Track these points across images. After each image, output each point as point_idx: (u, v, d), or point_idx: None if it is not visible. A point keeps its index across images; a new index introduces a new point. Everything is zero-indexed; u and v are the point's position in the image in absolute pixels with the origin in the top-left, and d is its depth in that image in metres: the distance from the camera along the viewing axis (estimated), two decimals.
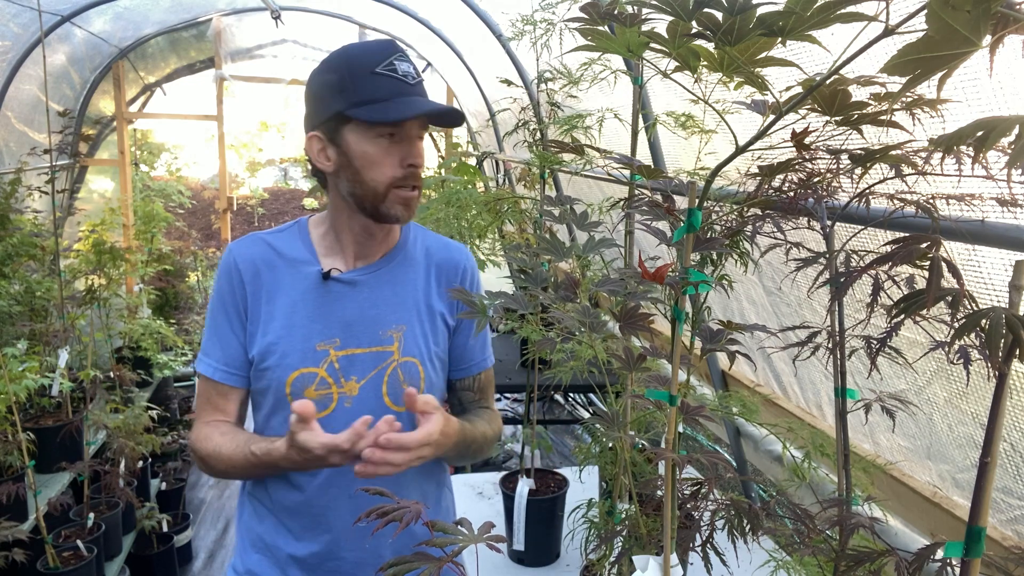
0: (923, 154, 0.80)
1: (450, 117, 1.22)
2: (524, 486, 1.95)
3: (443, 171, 3.67)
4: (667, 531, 0.95)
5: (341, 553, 1.30)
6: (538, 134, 2.00)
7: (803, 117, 0.80)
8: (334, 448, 1.07)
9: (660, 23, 0.73)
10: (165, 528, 3.68)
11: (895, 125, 0.75)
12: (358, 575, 1.31)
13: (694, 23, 0.70)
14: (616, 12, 0.76)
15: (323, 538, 1.29)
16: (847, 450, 0.97)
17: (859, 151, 0.83)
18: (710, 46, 0.73)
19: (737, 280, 1.97)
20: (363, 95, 1.18)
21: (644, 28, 0.76)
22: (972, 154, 0.64)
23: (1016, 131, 0.60)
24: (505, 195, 2.21)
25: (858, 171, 0.86)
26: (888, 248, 0.76)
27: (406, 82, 1.19)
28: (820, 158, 0.90)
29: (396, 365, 1.29)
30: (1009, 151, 0.63)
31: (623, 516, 1.40)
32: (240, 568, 1.36)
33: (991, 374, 0.69)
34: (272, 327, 1.27)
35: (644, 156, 2.32)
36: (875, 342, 0.83)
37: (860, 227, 1.22)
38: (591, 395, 4.91)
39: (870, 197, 0.88)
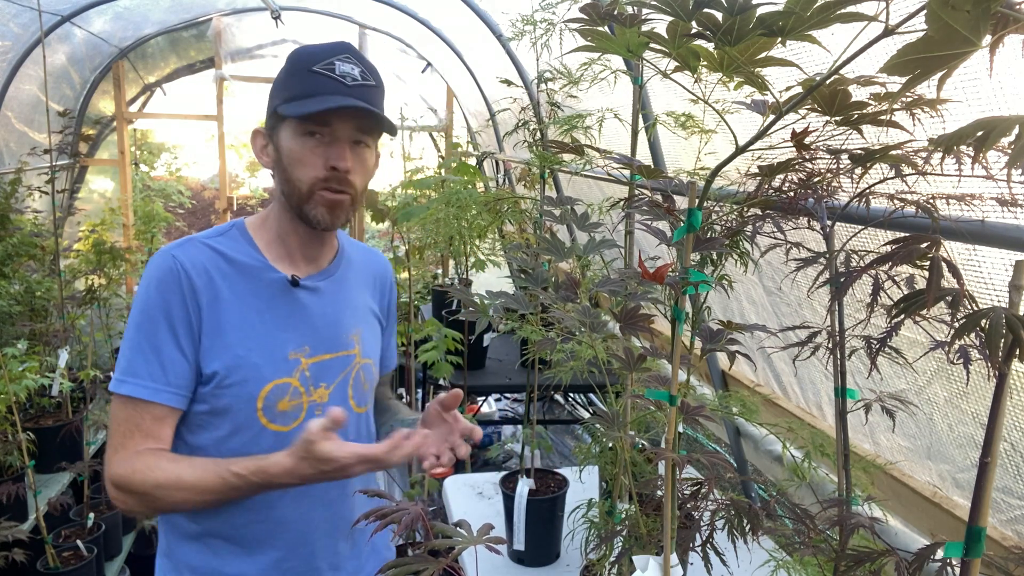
0: (923, 154, 0.80)
1: (375, 120, 1.18)
2: (524, 486, 1.95)
3: (443, 171, 3.68)
4: (667, 531, 0.95)
5: (316, 563, 1.28)
6: (538, 134, 2.00)
7: (803, 117, 0.80)
8: (366, 458, 1.06)
9: (660, 23, 0.73)
10: None
11: (895, 125, 0.75)
12: None
13: (694, 23, 0.70)
14: (616, 12, 0.76)
15: (299, 553, 1.26)
16: (847, 450, 0.97)
17: (859, 151, 0.83)
18: (710, 46, 0.73)
19: (737, 280, 1.97)
20: (293, 92, 1.16)
21: (644, 28, 0.76)
22: (972, 154, 0.64)
23: (1016, 131, 0.60)
24: (505, 195, 2.21)
25: (858, 171, 0.86)
26: (888, 248, 0.76)
27: (341, 82, 1.15)
28: (820, 158, 0.90)
29: (359, 367, 1.32)
30: (1009, 151, 0.63)
31: (623, 516, 1.40)
32: None
33: (991, 374, 0.69)
34: (237, 338, 1.18)
35: (644, 156, 2.32)
36: (875, 342, 0.83)
37: (860, 227, 1.22)
38: (591, 395, 4.91)
39: (870, 197, 0.88)
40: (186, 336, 1.16)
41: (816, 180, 0.94)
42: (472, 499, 2.40)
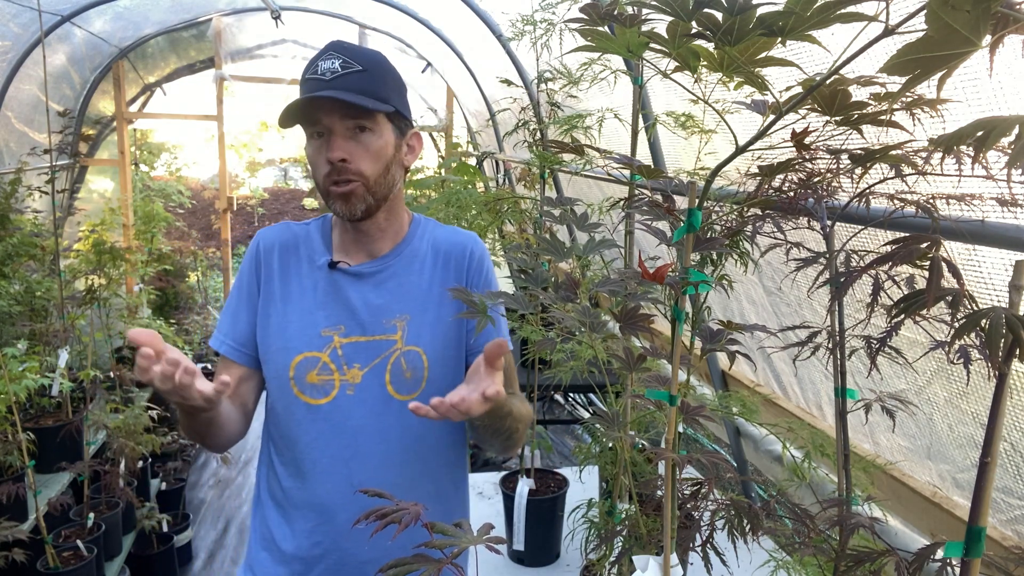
0: (923, 154, 0.80)
1: (354, 104, 1.18)
2: (524, 486, 1.95)
3: (443, 171, 3.68)
4: (667, 531, 0.95)
5: (343, 545, 1.29)
6: (538, 134, 2.00)
7: (803, 117, 0.80)
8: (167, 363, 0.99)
9: (660, 23, 0.73)
10: (165, 528, 3.68)
11: (895, 125, 0.75)
12: (363, 572, 1.30)
13: (694, 23, 0.69)
14: (616, 12, 0.76)
15: (324, 530, 1.29)
16: (847, 450, 0.97)
17: (859, 151, 0.83)
18: (710, 46, 0.73)
19: (737, 280, 1.97)
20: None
21: (644, 28, 0.76)
22: (972, 154, 0.64)
23: (1016, 131, 0.60)
24: (505, 195, 2.21)
25: (858, 171, 0.86)
26: (888, 248, 0.76)
27: (322, 79, 1.20)
28: (820, 158, 0.90)
29: (399, 354, 1.30)
30: (1009, 151, 0.63)
31: (623, 516, 1.40)
32: (246, 565, 1.38)
33: (991, 374, 0.69)
34: (284, 310, 1.32)
35: (644, 156, 2.32)
36: (875, 342, 0.83)
37: (860, 227, 1.22)
38: (591, 395, 4.91)
39: (870, 197, 0.88)
40: (247, 301, 1.34)
41: (816, 180, 0.94)
42: (472, 499, 2.39)
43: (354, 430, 1.28)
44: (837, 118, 0.76)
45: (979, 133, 0.62)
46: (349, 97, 1.18)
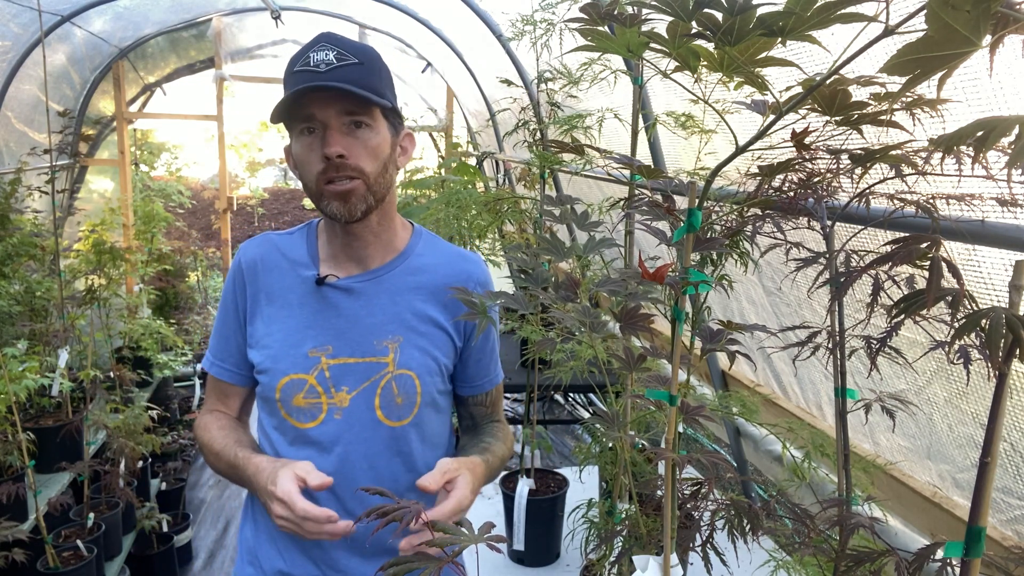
0: (923, 154, 0.80)
1: (355, 96, 1.12)
2: (524, 486, 1.95)
3: (443, 171, 3.68)
4: (667, 531, 0.95)
5: (332, 565, 1.26)
6: (538, 134, 2.00)
7: (803, 117, 0.80)
8: (305, 516, 1.05)
9: (660, 23, 0.73)
10: (165, 528, 3.68)
11: (895, 125, 0.75)
12: None
13: (694, 23, 0.69)
14: (616, 12, 0.76)
15: (311, 551, 1.26)
16: (847, 450, 0.97)
17: (859, 151, 0.83)
18: (710, 46, 0.73)
19: (737, 280, 1.97)
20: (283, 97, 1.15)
21: (644, 28, 0.76)
22: (972, 154, 0.64)
23: (1016, 131, 0.60)
24: (505, 195, 2.21)
25: (858, 171, 0.86)
26: (888, 248, 0.76)
27: (315, 71, 1.12)
28: (820, 158, 0.90)
29: (391, 377, 1.23)
30: (1009, 151, 0.63)
31: (623, 516, 1.40)
32: None
33: (991, 374, 0.69)
34: (269, 330, 1.25)
35: (644, 156, 2.32)
36: (875, 342, 0.83)
37: (860, 227, 1.22)
38: (591, 395, 4.91)
39: (870, 197, 0.88)
40: (235, 322, 1.30)
41: (816, 180, 0.94)
42: None
43: (340, 456, 1.23)
44: (837, 118, 0.76)
45: (979, 133, 0.62)
46: (352, 88, 1.11)
